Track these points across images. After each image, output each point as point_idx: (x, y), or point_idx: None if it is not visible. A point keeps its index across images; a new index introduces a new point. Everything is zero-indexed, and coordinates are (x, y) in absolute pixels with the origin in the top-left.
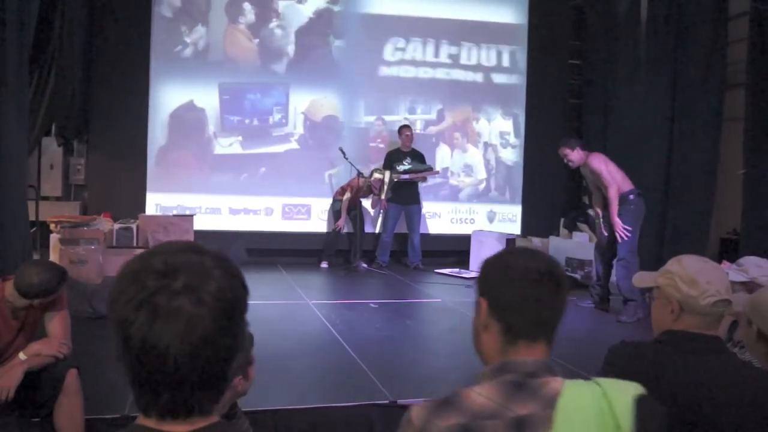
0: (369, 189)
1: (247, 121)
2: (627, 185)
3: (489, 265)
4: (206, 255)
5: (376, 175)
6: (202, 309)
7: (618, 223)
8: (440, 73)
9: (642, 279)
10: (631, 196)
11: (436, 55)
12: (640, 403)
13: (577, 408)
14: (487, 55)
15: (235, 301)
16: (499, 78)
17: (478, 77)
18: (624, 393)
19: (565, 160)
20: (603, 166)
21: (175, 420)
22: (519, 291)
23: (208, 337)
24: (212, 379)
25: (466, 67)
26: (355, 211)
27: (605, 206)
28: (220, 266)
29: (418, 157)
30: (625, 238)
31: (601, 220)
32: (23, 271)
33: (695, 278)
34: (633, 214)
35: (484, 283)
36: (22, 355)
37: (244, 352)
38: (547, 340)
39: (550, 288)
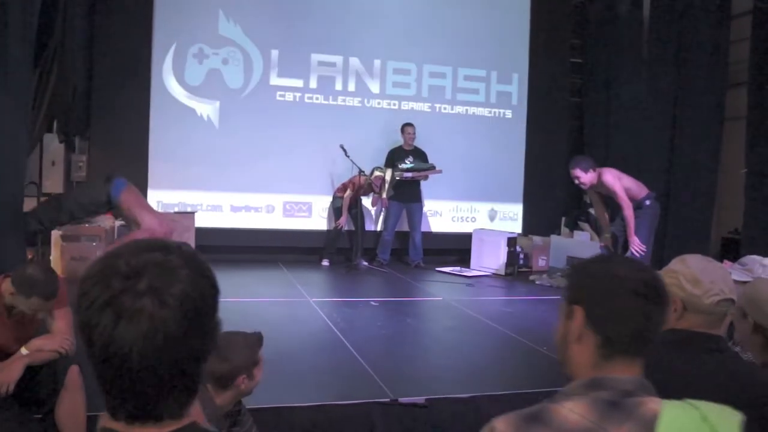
0: (370, 187)
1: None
2: (642, 191)
3: (587, 271)
4: (173, 253)
5: (377, 173)
6: (165, 311)
7: (635, 241)
8: (441, 71)
9: None
10: (647, 201)
11: (438, 52)
12: (746, 429)
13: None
14: (488, 53)
15: (202, 302)
16: (500, 76)
17: (480, 75)
18: (727, 418)
19: (576, 182)
20: (617, 182)
21: (145, 423)
22: (623, 303)
23: (173, 339)
24: (180, 382)
25: (467, 65)
26: (355, 209)
27: (612, 217)
28: (187, 265)
29: (420, 155)
30: (641, 254)
31: (608, 235)
32: (34, 276)
33: (699, 277)
34: (649, 220)
35: (581, 290)
36: (23, 350)
37: (249, 351)
38: (643, 357)
39: (654, 301)
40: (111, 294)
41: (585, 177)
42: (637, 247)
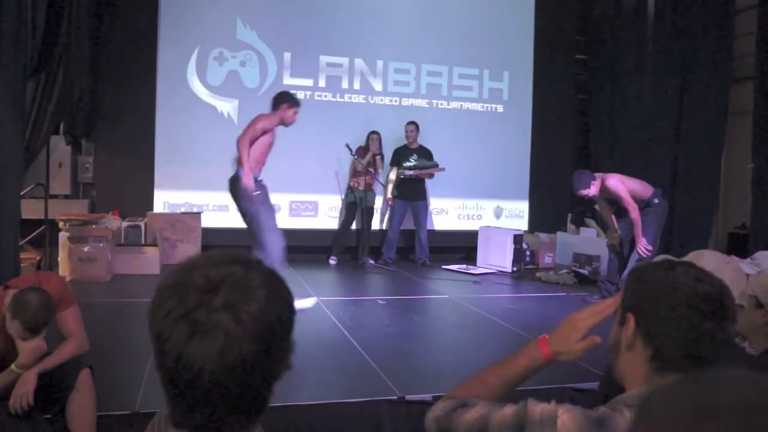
0: (365, 151)
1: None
2: (648, 191)
3: (645, 277)
4: (253, 270)
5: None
6: (240, 329)
7: (642, 242)
8: (446, 68)
9: None
10: (656, 200)
11: (443, 50)
12: None
13: None
14: (492, 50)
15: (278, 323)
16: (504, 73)
17: (484, 72)
18: None
19: (585, 198)
20: (621, 186)
21: None
22: (679, 316)
23: (245, 359)
24: (248, 402)
25: (471, 62)
26: (362, 206)
27: (617, 214)
28: (266, 285)
29: (425, 153)
30: (647, 254)
31: (615, 233)
32: (26, 306)
33: None
34: (657, 218)
35: (636, 297)
36: (15, 368)
37: None
38: None
39: (717, 319)
40: (186, 308)
41: (590, 190)
42: (643, 246)
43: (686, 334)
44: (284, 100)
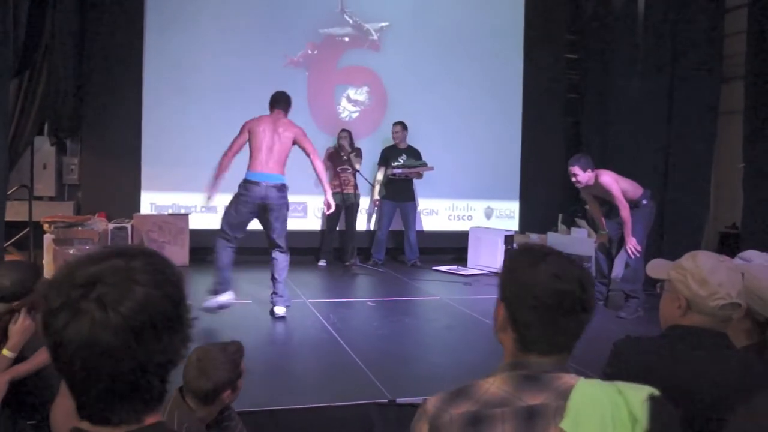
0: (338, 152)
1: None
2: (638, 191)
3: (513, 270)
4: (137, 261)
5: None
6: (106, 318)
7: (632, 241)
8: (438, 68)
9: (656, 268)
10: (644, 201)
11: (433, 49)
12: (655, 400)
13: (591, 400)
14: (483, 50)
15: (155, 316)
16: (495, 72)
17: (476, 71)
18: (640, 390)
19: (573, 179)
20: (614, 184)
21: (105, 426)
22: (539, 313)
23: (112, 347)
24: (127, 390)
25: (462, 62)
26: (343, 204)
27: (607, 214)
28: (148, 277)
29: (413, 153)
30: (636, 255)
31: (604, 232)
32: None
33: (707, 278)
34: (645, 219)
35: (506, 288)
36: (5, 352)
37: (232, 365)
38: (561, 354)
39: (574, 315)
40: (66, 300)
41: (582, 176)
42: (632, 246)
43: (545, 327)
44: (290, 102)
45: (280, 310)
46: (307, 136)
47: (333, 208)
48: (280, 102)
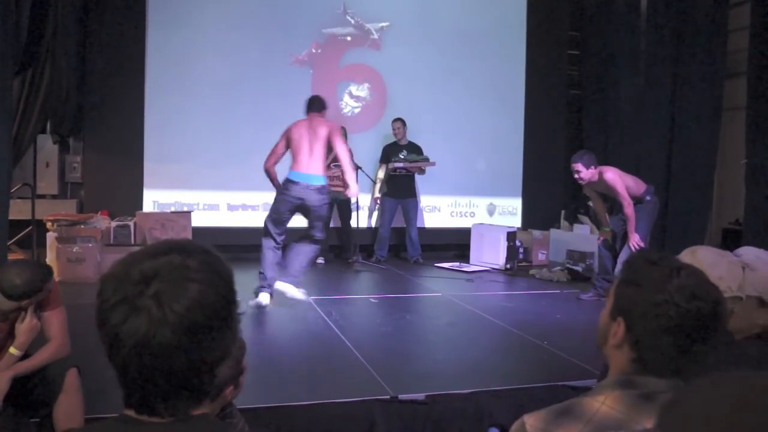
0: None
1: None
2: (641, 187)
3: (639, 285)
4: (192, 258)
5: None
6: (163, 315)
7: (635, 238)
8: (440, 65)
9: None
10: (648, 197)
11: (434, 48)
12: None
13: None
14: (485, 47)
15: (209, 313)
16: (498, 69)
17: (478, 68)
18: None
19: (576, 176)
20: (619, 180)
21: (151, 416)
22: (672, 336)
23: (168, 344)
24: (181, 388)
25: (464, 59)
26: (336, 201)
27: (610, 211)
28: (202, 274)
29: (414, 149)
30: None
31: (608, 229)
32: (4, 272)
33: (707, 272)
34: (648, 215)
35: (630, 303)
36: (13, 350)
37: (234, 362)
38: (680, 376)
39: (705, 338)
40: (124, 296)
41: (585, 173)
42: (635, 242)
43: (673, 353)
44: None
45: (283, 286)
46: (340, 132)
47: (356, 194)
48: (314, 104)
